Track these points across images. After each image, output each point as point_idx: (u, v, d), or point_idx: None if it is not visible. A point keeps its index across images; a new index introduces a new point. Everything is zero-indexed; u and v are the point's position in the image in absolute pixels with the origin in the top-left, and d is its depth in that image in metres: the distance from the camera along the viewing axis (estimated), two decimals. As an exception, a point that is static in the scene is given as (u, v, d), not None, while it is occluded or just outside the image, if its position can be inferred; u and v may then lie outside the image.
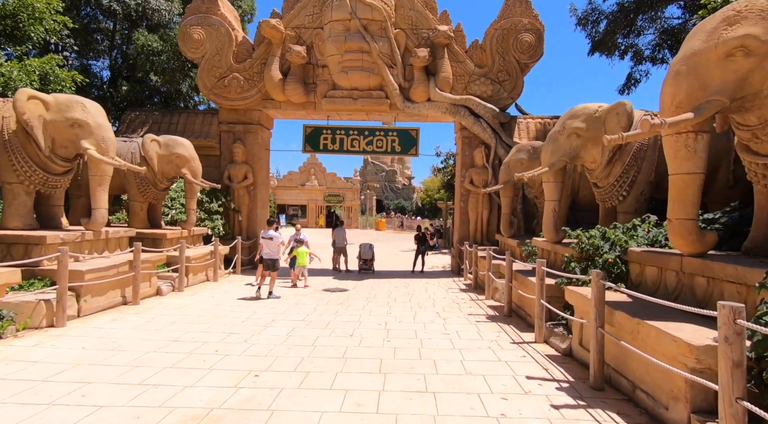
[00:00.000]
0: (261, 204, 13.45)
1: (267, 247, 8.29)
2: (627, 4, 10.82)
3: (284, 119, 14.34)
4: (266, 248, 8.27)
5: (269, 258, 8.21)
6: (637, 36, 11.99)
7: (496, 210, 12.93)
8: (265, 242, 8.37)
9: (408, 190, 65.59)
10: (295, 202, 43.06)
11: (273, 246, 8.36)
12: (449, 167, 22.02)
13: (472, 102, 12.31)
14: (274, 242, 8.39)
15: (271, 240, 8.33)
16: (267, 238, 8.35)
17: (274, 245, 8.38)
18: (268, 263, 8.20)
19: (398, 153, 13.68)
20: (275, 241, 8.42)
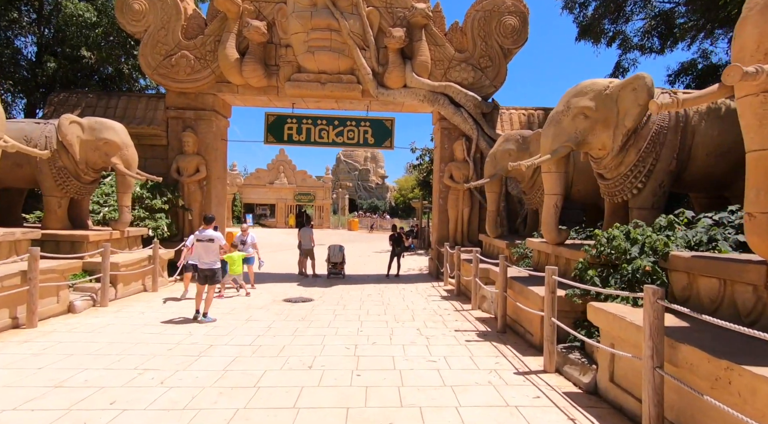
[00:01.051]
0: (216, 201, 11.88)
1: (203, 252, 6.38)
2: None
3: (243, 106, 12.81)
4: (202, 253, 6.39)
5: (206, 267, 6.32)
6: (625, 22, 11.27)
7: (478, 208, 11.94)
8: (201, 245, 6.41)
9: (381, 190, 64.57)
10: (263, 201, 41.04)
11: (211, 251, 6.43)
12: (425, 164, 20.97)
13: (453, 89, 11.22)
14: (213, 245, 6.47)
15: (210, 243, 6.46)
16: (204, 240, 6.46)
17: (212, 249, 6.44)
18: (205, 274, 6.32)
19: (371, 145, 12.44)
20: (215, 244, 6.51)
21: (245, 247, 9.20)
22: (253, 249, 9.36)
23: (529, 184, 8.53)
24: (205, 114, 11.44)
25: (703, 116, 5.22)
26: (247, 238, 9.34)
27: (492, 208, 8.86)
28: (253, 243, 9.36)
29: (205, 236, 6.53)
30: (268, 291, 9.29)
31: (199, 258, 6.45)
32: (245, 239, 9.28)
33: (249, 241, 9.29)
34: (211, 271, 6.41)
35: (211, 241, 6.51)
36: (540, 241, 6.31)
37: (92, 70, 11.71)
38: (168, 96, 11.44)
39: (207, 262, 6.41)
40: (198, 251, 6.51)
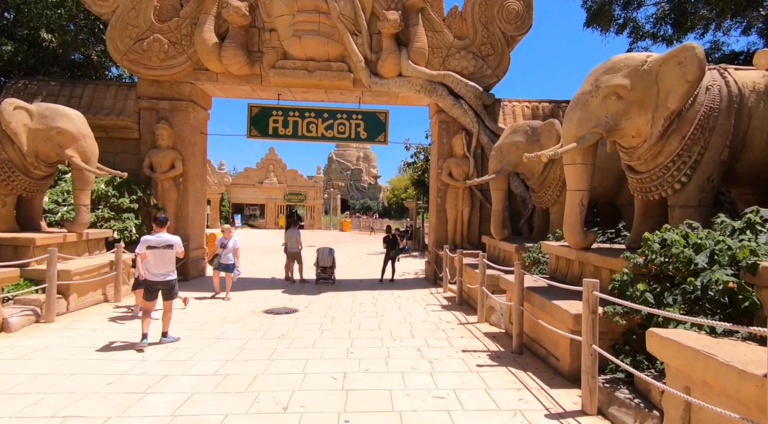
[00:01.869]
0: (194, 200, 10.86)
1: (157, 261, 5.13)
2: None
3: (224, 97, 11.81)
4: (156, 263, 5.12)
5: (161, 280, 5.12)
6: (637, 8, 10.49)
7: (479, 207, 11.08)
8: (154, 253, 5.13)
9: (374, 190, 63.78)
10: (252, 201, 39.90)
11: (168, 260, 5.21)
12: (420, 163, 20.09)
13: (452, 79, 10.34)
14: (170, 253, 5.24)
15: (168, 249, 5.20)
16: (159, 246, 5.19)
17: (169, 258, 5.23)
18: (161, 289, 5.16)
19: (363, 140, 11.51)
20: (173, 251, 5.28)
21: (225, 252, 8.22)
22: (234, 256, 8.32)
23: (539, 181, 7.67)
24: (181, 105, 10.42)
25: (761, 96, 4.39)
26: (229, 242, 8.27)
27: (498, 207, 7.97)
28: (235, 248, 8.30)
29: (161, 242, 5.23)
30: (248, 300, 8.32)
31: (150, 269, 5.13)
32: (226, 243, 8.23)
33: (230, 245, 8.23)
34: (166, 284, 5.23)
35: (168, 247, 5.28)
36: (559, 244, 5.45)
37: (55, 56, 10.61)
38: (140, 84, 10.40)
39: (162, 273, 5.16)
40: (150, 261, 5.15)
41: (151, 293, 5.24)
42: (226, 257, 8.22)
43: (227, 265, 8.24)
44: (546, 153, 4.71)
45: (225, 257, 8.21)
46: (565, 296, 4.40)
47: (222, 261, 8.23)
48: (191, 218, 10.71)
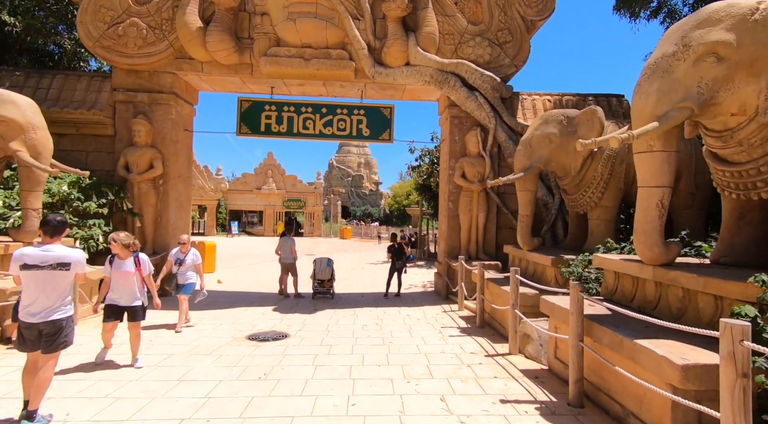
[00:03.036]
0: (176, 205, 9.66)
1: (40, 289, 3.29)
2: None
3: (212, 91, 10.64)
4: (39, 290, 3.28)
5: (38, 321, 3.25)
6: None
7: (495, 212, 9.87)
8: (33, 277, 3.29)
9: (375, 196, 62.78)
10: (250, 207, 38.76)
11: (57, 287, 3.34)
12: (425, 166, 18.90)
13: (466, 68, 9.19)
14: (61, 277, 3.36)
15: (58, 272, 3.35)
16: (42, 266, 3.31)
17: (59, 284, 3.35)
18: (40, 330, 3.28)
19: (366, 138, 10.33)
20: (69, 274, 3.42)
21: (182, 270, 6.59)
22: (195, 273, 6.70)
23: (575, 181, 6.45)
24: (161, 97, 9.27)
25: None
26: (187, 256, 6.64)
27: (526, 211, 6.74)
28: (196, 265, 6.70)
29: (49, 259, 3.31)
30: (232, 320, 7.09)
31: (29, 300, 3.27)
32: (183, 258, 6.62)
33: (189, 261, 6.63)
34: (52, 326, 3.28)
35: (62, 268, 3.33)
36: (622, 258, 4.21)
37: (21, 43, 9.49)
38: (115, 75, 9.27)
39: (44, 309, 3.27)
40: (29, 288, 3.30)
41: (25, 343, 3.29)
42: (184, 276, 6.59)
43: (185, 285, 6.57)
44: (617, 135, 3.49)
45: (182, 276, 6.59)
46: (650, 332, 3.16)
47: (179, 281, 6.62)
48: (172, 224, 9.50)
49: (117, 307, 4.63)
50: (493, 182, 6.96)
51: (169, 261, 6.68)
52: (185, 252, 6.67)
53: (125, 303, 4.63)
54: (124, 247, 4.59)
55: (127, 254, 4.59)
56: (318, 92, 10.42)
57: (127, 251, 4.60)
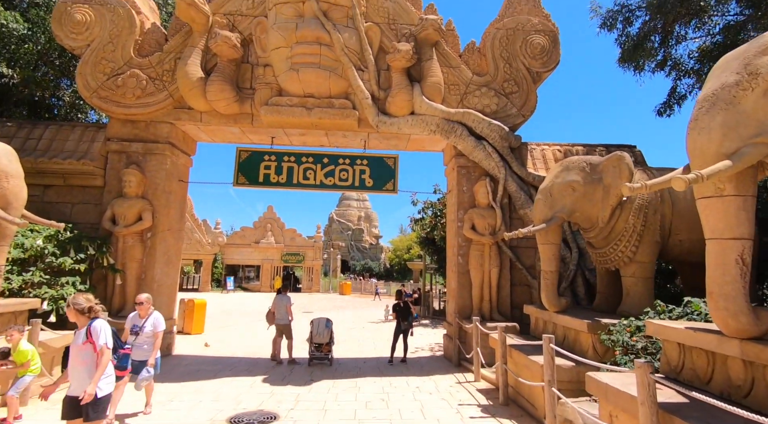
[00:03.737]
0: (164, 260, 8.94)
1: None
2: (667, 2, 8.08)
3: (210, 142, 10.35)
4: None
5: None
6: (676, 44, 9.38)
7: (509, 268, 9.13)
8: None
9: (375, 250, 61.92)
10: (247, 261, 37.73)
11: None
12: (428, 219, 18.38)
13: (473, 117, 8.93)
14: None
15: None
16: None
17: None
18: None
19: (369, 188, 9.84)
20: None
21: (140, 340, 5.19)
22: (152, 345, 5.24)
23: (602, 233, 5.80)
24: (157, 147, 8.90)
25: None
26: (146, 323, 5.27)
27: (551, 267, 5.99)
28: (156, 333, 5.28)
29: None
30: (213, 396, 6.08)
31: None
32: (141, 326, 5.24)
33: (148, 329, 5.25)
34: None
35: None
36: (690, 327, 3.44)
37: (19, 94, 9.30)
38: (111, 125, 8.98)
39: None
40: None
41: None
42: (140, 350, 5.11)
43: (140, 362, 5.09)
44: (681, 176, 2.87)
45: (139, 349, 5.11)
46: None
47: (134, 357, 5.07)
48: (158, 281, 8.71)
49: (71, 399, 3.50)
50: (512, 235, 6.29)
51: (126, 330, 5.27)
52: (144, 316, 5.27)
53: (77, 393, 3.46)
54: (77, 313, 3.56)
55: (83, 321, 3.62)
56: (320, 143, 10.11)
57: (82, 318, 3.60)
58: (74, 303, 3.60)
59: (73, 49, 8.82)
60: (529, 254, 9.30)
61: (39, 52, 9.26)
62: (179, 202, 9.67)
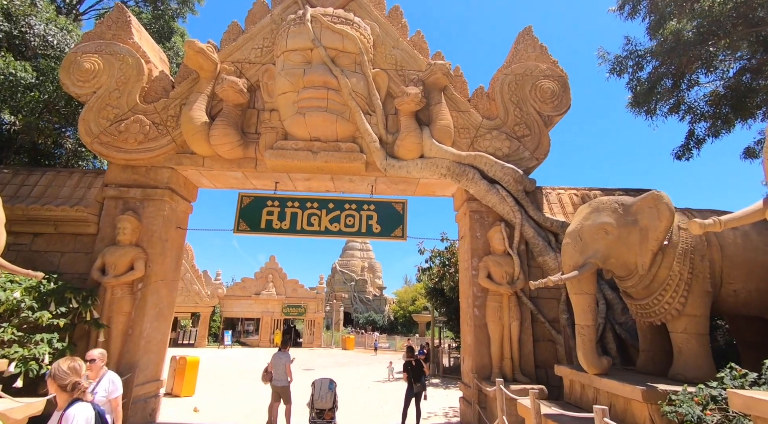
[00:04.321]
0: (154, 313, 8.23)
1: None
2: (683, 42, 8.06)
3: (212, 188, 9.99)
4: None
5: None
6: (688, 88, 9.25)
7: (530, 321, 8.34)
8: None
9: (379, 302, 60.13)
10: (247, 314, 36.29)
11: None
12: (436, 268, 17.65)
13: (485, 160, 8.59)
14: None
15: None
16: None
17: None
18: None
19: (376, 235, 9.30)
20: None
21: None
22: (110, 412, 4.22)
23: (643, 282, 5.16)
24: (156, 193, 8.53)
25: None
26: (98, 387, 4.31)
27: (587, 320, 5.26)
28: (111, 400, 4.31)
29: None
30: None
31: None
32: (93, 389, 4.22)
33: (101, 394, 4.28)
34: None
35: None
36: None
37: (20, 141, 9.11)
38: (110, 170, 8.68)
39: None
40: None
41: None
42: None
43: None
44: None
45: None
46: None
47: None
48: (146, 337, 7.96)
49: None
50: (539, 283, 5.62)
51: None
52: (96, 378, 4.31)
53: None
54: (58, 388, 2.84)
55: (62, 400, 2.82)
56: (325, 188, 9.74)
57: (63, 396, 2.83)
58: (56, 375, 2.84)
59: (78, 96, 8.75)
60: (551, 305, 8.56)
61: (45, 100, 9.21)
62: (176, 250, 9.13)
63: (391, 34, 9.42)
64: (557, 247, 8.57)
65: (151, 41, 10.03)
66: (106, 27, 9.17)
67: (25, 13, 8.83)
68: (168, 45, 12.65)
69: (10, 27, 8.97)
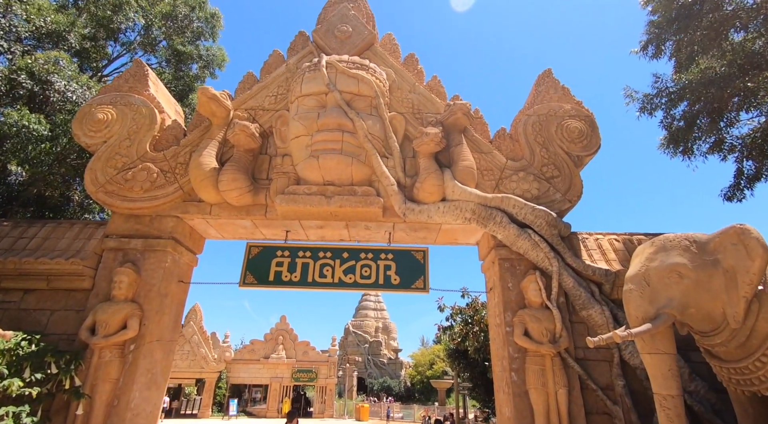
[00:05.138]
0: (146, 380, 7.26)
1: None
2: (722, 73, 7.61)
3: (219, 239, 9.39)
4: None
5: None
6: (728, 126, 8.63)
7: (579, 388, 7.07)
8: None
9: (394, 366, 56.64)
10: (255, 380, 34.10)
11: None
12: (458, 326, 16.27)
13: (513, 202, 7.88)
14: None
15: None
16: None
17: None
18: None
19: (395, 287, 8.39)
20: None
21: None
22: None
23: (738, 338, 4.11)
24: (158, 243, 7.94)
25: None
26: None
27: (671, 389, 4.14)
28: None
29: None
30: None
31: None
32: None
33: None
34: None
35: None
36: None
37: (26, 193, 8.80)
38: (112, 220, 8.20)
39: None
40: None
41: None
42: None
43: None
44: None
45: None
46: None
47: None
48: (134, 409, 6.91)
49: None
50: (597, 340, 4.58)
51: None
52: None
53: None
54: None
55: None
56: (339, 236, 9.05)
57: None
58: None
59: (89, 146, 8.52)
60: (602, 369, 7.32)
61: (57, 153, 9.05)
62: (175, 307, 8.31)
63: (407, 79, 9.25)
64: (602, 299, 7.55)
65: (167, 94, 10.05)
66: (124, 80, 9.21)
67: (48, 71, 8.99)
68: (186, 102, 12.84)
69: (32, 84, 9.08)
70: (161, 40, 12.41)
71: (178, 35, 12.03)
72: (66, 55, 8.96)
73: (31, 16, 9.90)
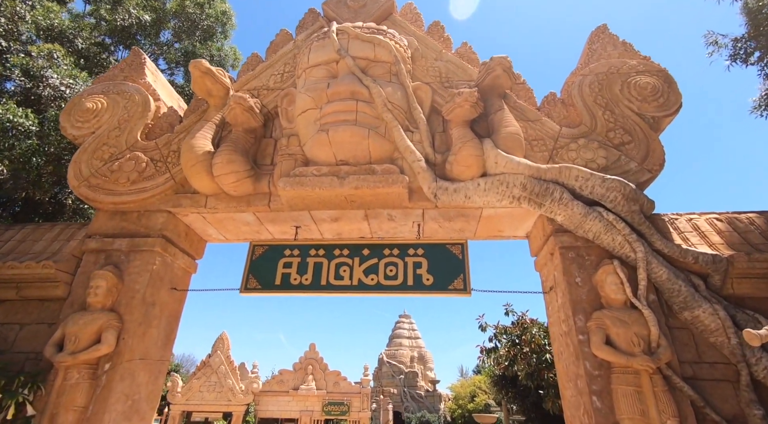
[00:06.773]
0: (125, 409, 5.83)
1: None
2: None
3: (221, 241, 8.07)
4: None
5: None
6: None
7: (693, 419, 5.04)
8: None
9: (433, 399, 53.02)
10: (284, 414, 32.08)
11: None
12: (504, 348, 14.07)
13: (575, 173, 6.15)
14: None
15: None
16: None
17: None
18: None
19: (428, 288, 6.68)
20: None
21: None
22: None
23: None
24: (145, 242, 6.70)
25: None
26: None
27: None
28: None
29: None
30: None
31: None
32: None
33: None
34: None
35: None
36: None
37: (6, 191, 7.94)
38: (96, 218, 7.08)
39: None
40: None
41: None
42: None
43: None
44: None
45: None
46: None
47: None
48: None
49: None
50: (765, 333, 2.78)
51: None
52: None
53: None
54: None
55: None
56: (358, 231, 7.53)
57: None
58: None
59: (76, 138, 7.58)
60: (724, 392, 5.26)
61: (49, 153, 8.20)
62: (166, 319, 6.95)
63: (431, 46, 7.91)
64: (710, 295, 5.59)
65: (169, 87, 9.15)
66: (119, 70, 8.38)
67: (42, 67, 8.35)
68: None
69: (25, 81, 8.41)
70: (172, 42, 11.87)
71: (188, 36, 11.45)
72: (61, 47, 8.35)
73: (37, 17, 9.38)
